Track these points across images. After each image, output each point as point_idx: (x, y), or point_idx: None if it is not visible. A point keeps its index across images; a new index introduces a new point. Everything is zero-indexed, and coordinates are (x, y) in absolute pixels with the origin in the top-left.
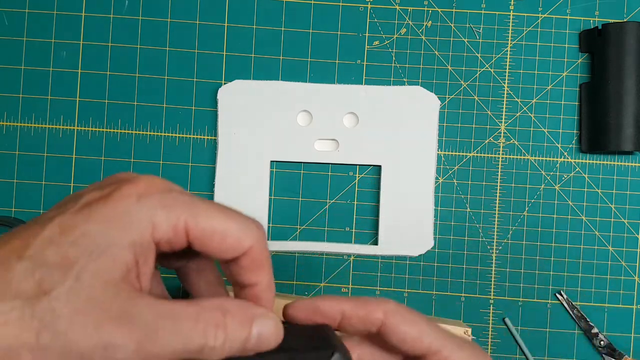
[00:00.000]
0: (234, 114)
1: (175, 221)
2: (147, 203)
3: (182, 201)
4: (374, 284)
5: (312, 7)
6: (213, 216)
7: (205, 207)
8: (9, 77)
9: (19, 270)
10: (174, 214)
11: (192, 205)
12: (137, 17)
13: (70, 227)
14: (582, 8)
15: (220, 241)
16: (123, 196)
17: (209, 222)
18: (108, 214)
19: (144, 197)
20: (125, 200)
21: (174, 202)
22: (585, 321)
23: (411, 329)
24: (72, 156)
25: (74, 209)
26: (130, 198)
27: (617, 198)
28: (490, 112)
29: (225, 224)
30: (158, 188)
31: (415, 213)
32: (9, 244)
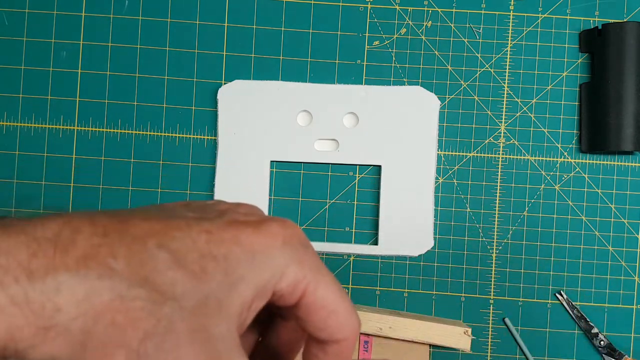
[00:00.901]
0: (234, 114)
1: (301, 279)
2: (288, 252)
3: (313, 262)
4: (374, 284)
5: (312, 7)
6: (332, 289)
7: (329, 277)
8: (9, 77)
9: (158, 259)
10: (303, 272)
11: (319, 271)
12: (137, 17)
13: (217, 239)
14: (582, 8)
15: (325, 318)
16: (272, 235)
17: (325, 294)
18: (255, 246)
19: (288, 244)
20: (272, 240)
21: (307, 261)
22: (585, 321)
23: None
24: (72, 156)
25: (221, 221)
26: (277, 240)
27: (617, 198)
28: (490, 112)
29: (337, 303)
30: (299, 240)
31: (415, 213)
32: (147, 223)
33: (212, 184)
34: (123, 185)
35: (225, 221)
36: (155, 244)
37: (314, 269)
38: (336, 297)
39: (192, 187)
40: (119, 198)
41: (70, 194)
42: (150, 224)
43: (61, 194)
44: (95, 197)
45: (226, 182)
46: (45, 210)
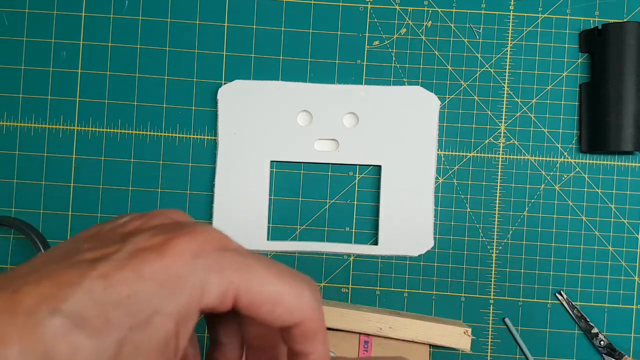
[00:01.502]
0: (234, 114)
1: (227, 287)
2: (202, 264)
3: (237, 263)
4: (374, 284)
5: (312, 7)
6: (267, 282)
7: (261, 270)
8: (9, 77)
9: (52, 327)
10: (227, 279)
11: (247, 268)
12: (137, 17)
13: (116, 282)
14: (582, 8)
15: (270, 311)
16: (178, 253)
17: (261, 290)
18: (160, 274)
19: (199, 256)
20: (180, 259)
21: (229, 265)
22: (585, 321)
23: None
24: (72, 156)
25: (120, 254)
26: (185, 257)
27: (617, 198)
28: (490, 112)
29: (278, 293)
30: (214, 245)
31: (415, 213)
32: (37, 288)
33: (212, 184)
34: (123, 185)
35: (127, 254)
36: (48, 310)
37: (240, 270)
38: (275, 286)
39: (192, 187)
40: (119, 198)
41: (70, 194)
42: (40, 288)
43: (61, 194)
44: (95, 197)
45: (226, 182)
46: (45, 210)
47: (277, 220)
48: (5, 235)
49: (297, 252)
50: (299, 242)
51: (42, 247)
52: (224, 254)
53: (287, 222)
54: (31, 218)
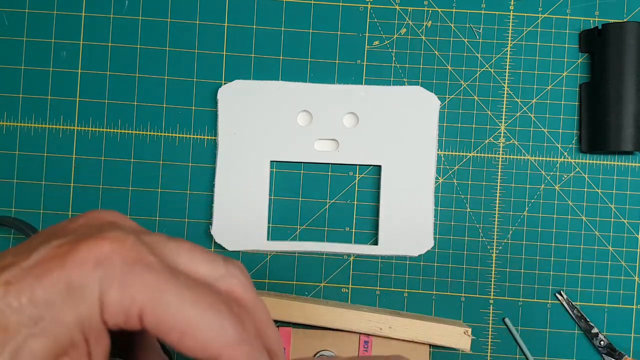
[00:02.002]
0: (234, 114)
1: (129, 304)
2: (102, 276)
3: (146, 280)
4: (374, 284)
5: (312, 7)
6: (178, 307)
7: (173, 291)
8: (9, 77)
9: None
10: (128, 295)
11: (155, 287)
12: (137, 17)
13: (17, 289)
14: (582, 8)
15: (179, 341)
16: (79, 261)
17: (169, 314)
18: (60, 282)
19: (101, 266)
20: (79, 267)
21: (135, 281)
22: (585, 321)
23: None
24: (72, 156)
25: (26, 263)
26: (86, 266)
27: (617, 198)
28: (490, 112)
29: (190, 322)
30: (123, 257)
31: (415, 213)
32: None
33: (212, 184)
34: (123, 185)
35: (32, 262)
36: None
37: (148, 288)
38: (186, 313)
39: (192, 187)
40: (119, 198)
41: (70, 194)
42: None
43: (61, 194)
44: (95, 197)
45: (226, 182)
46: (45, 210)
47: (277, 220)
48: (5, 235)
49: (297, 252)
50: (299, 242)
51: None
52: (133, 268)
53: (287, 222)
54: (31, 218)
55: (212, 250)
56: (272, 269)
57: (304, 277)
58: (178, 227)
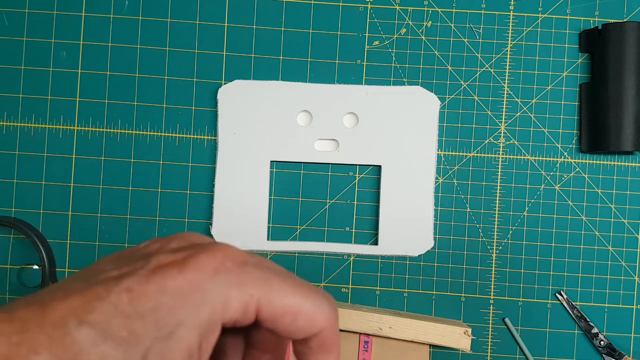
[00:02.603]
0: (234, 114)
1: (248, 300)
2: (223, 279)
3: (257, 278)
4: (374, 284)
5: (312, 7)
6: (287, 294)
7: (279, 283)
8: (9, 77)
9: (81, 338)
10: (247, 292)
11: (266, 282)
12: (137, 17)
13: (140, 295)
14: (582, 8)
15: (292, 322)
16: (199, 268)
17: (282, 301)
18: (183, 287)
19: (220, 272)
20: (201, 274)
21: (249, 279)
22: (585, 321)
23: None
24: (72, 156)
25: (144, 270)
26: (206, 272)
27: (617, 198)
28: (490, 112)
29: (299, 304)
30: (234, 261)
31: (415, 213)
32: (66, 302)
33: (212, 184)
34: (123, 185)
35: (149, 270)
36: (76, 322)
37: (260, 283)
38: (295, 298)
39: (192, 187)
40: (119, 198)
41: (70, 194)
42: (68, 302)
43: (61, 194)
44: (96, 197)
45: (226, 182)
46: (45, 210)
47: (277, 220)
48: (5, 235)
49: (297, 252)
50: (299, 242)
51: (42, 247)
52: (244, 269)
53: (287, 222)
54: (31, 218)
55: None
56: None
57: (304, 277)
58: (178, 227)
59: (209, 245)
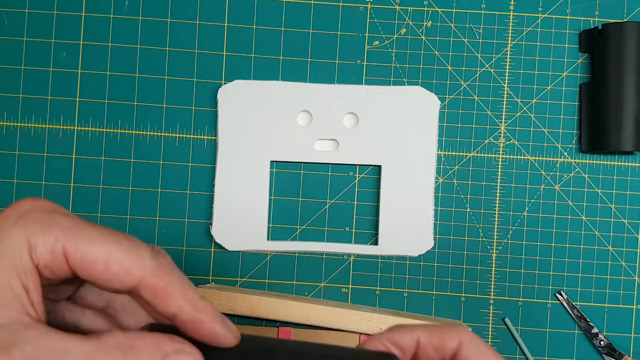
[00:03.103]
0: (234, 114)
1: (53, 243)
2: (25, 223)
3: (63, 223)
4: (374, 284)
5: (312, 7)
6: (96, 241)
7: (90, 231)
8: (9, 77)
9: None
10: (51, 235)
11: (73, 228)
12: (137, 17)
13: None
14: (582, 8)
15: (104, 270)
16: (2, 218)
17: (90, 247)
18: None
19: (23, 217)
20: (2, 223)
21: (53, 223)
22: (585, 321)
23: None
24: (72, 156)
25: None
26: (9, 220)
27: (617, 198)
28: (490, 112)
29: (109, 251)
30: (40, 209)
31: (415, 213)
32: None
33: (212, 184)
34: (123, 185)
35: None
36: None
37: (67, 228)
38: (105, 245)
39: (192, 187)
40: (119, 198)
41: (70, 194)
42: None
43: (61, 194)
44: (96, 197)
45: (226, 182)
46: None
47: (277, 220)
48: None
49: (297, 252)
50: (299, 242)
51: None
52: (51, 216)
53: (287, 222)
54: None
55: (212, 250)
56: (272, 269)
57: (304, 277)
58: (178, 227)
59: (21, 200)
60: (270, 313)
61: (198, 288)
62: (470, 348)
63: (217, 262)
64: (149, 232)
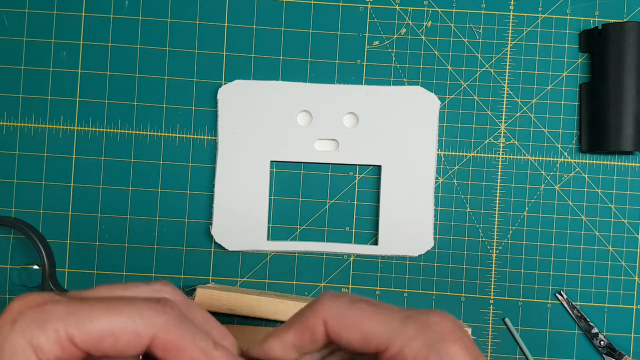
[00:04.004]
0: (234, 114)
1: (55, 336)
2: (20, 327)
3: (58, 313)
4: (374, 284)
5: (312, 7)
6: (96, 318)
7: (87, 310)
8: (9, 77)
9: None
10: (50, 329)
11: (69, 314)
12: (137, 17)
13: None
14: (582, 8)
15: (114, 342)
16: (8, 334)
17: (92, 326)
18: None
19: (16, 322)
20: (9, 338)
21: (48, 316)
22: (585, 321)
23: (353, 335)
24: (72, 156)
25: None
26: (5, 328)
27: (617, 198)
28: (490, 112)
29: (113, 323)
30: (30, 305)
31: (415, 213)
32: None
33: (212, 184)
34: (123, 185)
35: None
36: None
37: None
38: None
39: (192, 187)
40: (119, 198)
41: (70, 194)
42: None
43: (61, 194)
44: (96, 197)
45: (226, 182)
46: (45, 210)
47: (277, 220)
48: (5, 235)
49: (297, 252)
50: (299, 242)
51: (42, 247)
52: (43, 309)
53: (287, 222)
54: (31, 218)
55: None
56: (272, 269)
57: (304, 277)
58: (178, 227)
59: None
60: (270, 313)
61: (198, 288)
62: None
63: (217, 262)
64: (149, 232)
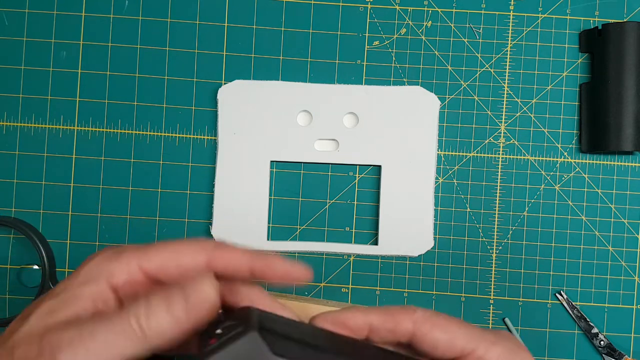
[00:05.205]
0: (234, 114)
1: (127, 264)
2: (96, 260)
3: (130, 248)
4: (374, 284)
5: (312, 7)
6: (162, 250)
7: (156, 246)
8: (9, 77)
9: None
10: (124, 259)
11: (139, 248)
12: (137, 17)
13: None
14: (582, 8)
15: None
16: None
17: (159, 255)
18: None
19: (93, 258)
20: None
21: (122, 251)
22: (585, 321)
23: (442, 335)
24: (72, 156)
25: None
26: (84, 262)
27: (617, 198)
28: (490, 112)
29: (176, 251)
30: (109, 249)
31: (415, 213)
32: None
33: (212, 184)
34: (123, 185)
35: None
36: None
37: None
38: (170, 249)
39: (192, 187)
40: (119, 198)
41: (70, 194)
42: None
43: (61, 194)
44: (96, 197)
45: (226, 182)
46: (45, 210)
47: (277, 220)
48: (5, 235)
49: (297, 252)
50: (299, 242)
51: (42, 247)
52: (117, 248)
53: (287, 222)
54: (31, 218)
55: None
56: None
57: None
58: (178, 227)
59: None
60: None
61: None
62: (424, 325)
63: None
64: (149, 232)
